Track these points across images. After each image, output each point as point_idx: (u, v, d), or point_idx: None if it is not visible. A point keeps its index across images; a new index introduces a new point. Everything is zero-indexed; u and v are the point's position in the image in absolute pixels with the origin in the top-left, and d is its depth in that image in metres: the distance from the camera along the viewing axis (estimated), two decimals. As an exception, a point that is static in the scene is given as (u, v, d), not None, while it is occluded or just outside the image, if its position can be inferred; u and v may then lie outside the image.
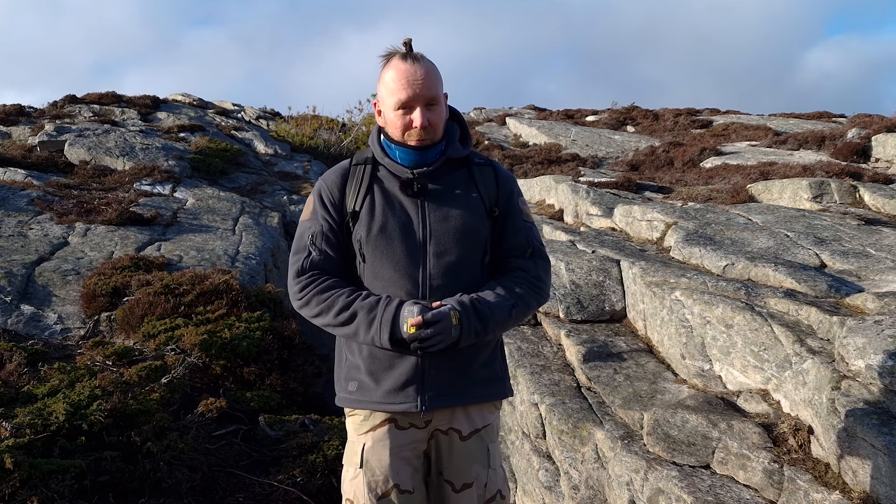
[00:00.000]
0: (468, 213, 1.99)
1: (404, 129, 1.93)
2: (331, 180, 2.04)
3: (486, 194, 2.03)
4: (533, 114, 19.31)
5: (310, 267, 1.97)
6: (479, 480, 2.02)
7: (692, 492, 2.66)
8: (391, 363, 1.95)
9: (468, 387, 1.99)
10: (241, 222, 8.69)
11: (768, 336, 3.16)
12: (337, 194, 2.01)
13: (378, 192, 1.99)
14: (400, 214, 1.96)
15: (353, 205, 1.98)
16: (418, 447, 2.01)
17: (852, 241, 4.63)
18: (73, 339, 5.40)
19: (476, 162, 2.07)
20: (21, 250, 6.77)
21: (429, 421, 1.99)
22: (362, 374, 1.98)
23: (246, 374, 4.87)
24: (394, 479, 1.96)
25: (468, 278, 1.98)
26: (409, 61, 1.90)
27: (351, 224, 1.98)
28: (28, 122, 13.17)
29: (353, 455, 2.02)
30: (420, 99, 1.89)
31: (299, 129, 15.61)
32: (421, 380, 1.94)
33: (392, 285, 1.94)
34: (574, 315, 4.25)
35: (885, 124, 9.85)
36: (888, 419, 2.44)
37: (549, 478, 3.39)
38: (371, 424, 1.99)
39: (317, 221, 2.00)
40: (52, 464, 3.15)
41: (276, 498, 3.56)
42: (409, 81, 1.88)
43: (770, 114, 16.68)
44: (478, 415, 2.04)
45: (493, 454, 2.08)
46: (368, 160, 2.04)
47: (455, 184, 2.02)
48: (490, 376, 2.05)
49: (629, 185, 7.72)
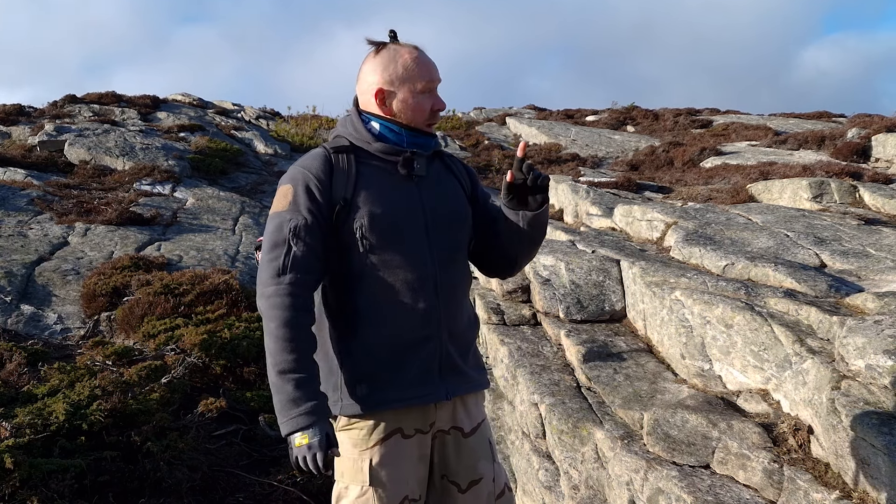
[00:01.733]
0: (456, 198, 2.00)
1: (430, 113, 1.91)
2: (315, 167, 1.86)
3: (464, 181, 2.05)
4: (533, 114, 19.32)
5: (291, 266, 1.78)
6: (487, 476, 1.99)
7: (692, 492, 2.66)
8: (410, 353, 1.86)
9: (470, 373, 1.99)
10: (241, 222, 8.70)
11: (768, 336, 3.16)
12: (325, 180, 1.85)
13: (371, 178, 1.88)
14: (399, 198, 1.89)
15: (345, 192, 1.85)
16: (424, 453, 1.94)
17: (852, 240, 4.63)
18: (73, 338, 5.41)
19: (445, 153, 2.08)
20: (21, 250, 6.77)
21: (432, 423, 1.94)
22: (375, 371, 1.86)
23: (246, 374, 4.87)
24: (405, 492, 1.88)
25: (463, 261, 2.01)
26: (416, 50, 1.89)
27: (343, 213, 1.84)
28: (28, 121, 13.17)
29: (356, 472, 1.87)
30: (437, 82, 1.92)
31: (299, 129, 15.62)
32: (439, 368, 1.90)
33: (402, 269, 1.85)
34: (574, 315, 4.25)
35: (885, 124, 9.86)
36: (888, 419, 2.44)
37: (548, 478, 3.40)
38: (377, 438, 1.86)
39: (299, 213, 1.81)
40: (52, 464, 3.16)
41: (276, 498, 3.56)
42: (428, 67, 1.88)
43: (770, 114, 16.69)
44: (475, 408, 2.03)
45: (494, 448, 2.07)
46: (347, 148, 1.91)
47: (438, 171, 2.01)
48: (480, 364, 2.07)
49: (629, 185, 7.73)
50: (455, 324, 1.94)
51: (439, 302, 1.89)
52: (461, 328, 1.97)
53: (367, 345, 1.87)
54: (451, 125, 18.08)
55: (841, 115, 15.60)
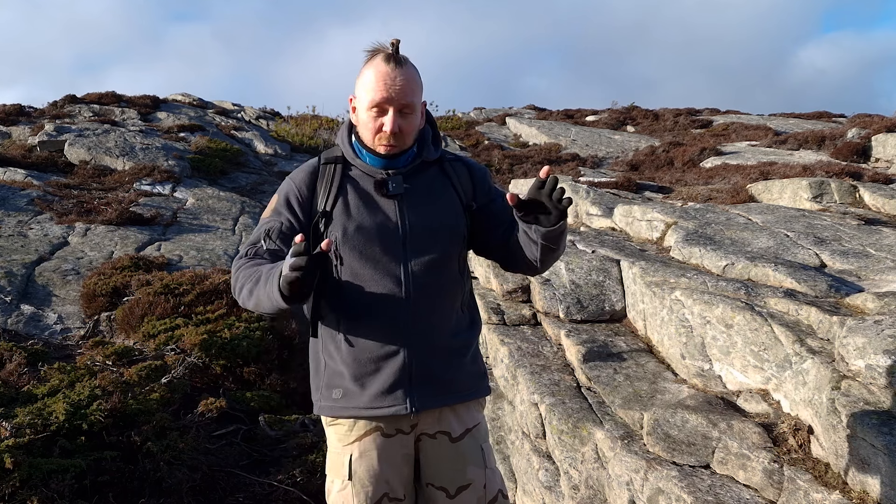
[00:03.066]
0: (445, 211, 1.95)
1: (375, 132, 1.86)
2: (299, 179, 1.94)
3: (463, 190, 2.00)
4: (533, 114, 19.33)
5: (253, 255, 1.85)
6: (477, 482, 1.98)
7: (692, 492, 2.66)
8: (377, 366, 1.89)
9: (456, 384, 1.96)
10: (241, 222, 8.70)
11: (768, 336, 3.16)
12: (306, 193, 1.92)
13: (352, 192, 1.91)
14: (376, 214, 1.89)
15: (325, 204, 1.89)
16: (408, 453, 1.96)
17: (852, 240, 4.63)
18: (73, 338, 5.41)
19: (447, 158, 2.03)
20: (21, 250, 6.77)
21: (415, 425, 1.94)
22: (346, 381, 1.91)
23: (246, 374, 4.87)
24: (384, 489, 1.91)
25: (448, 274, 1.96)
26: (391, 63, 1.83)
27: (322, 225, 1.89)
28: (28, 121, 13.18)
29: (339, 466, 1.95)
30: (394, 103, 1.82)
31: (299, 129, 15.62)
32: (409, 380, 1.89)
33: (373, 284, 1.87)
34: (574, 315, 4.25)
35: (885, 124, 9.86)
36: (888, 419, 2.44)
37: (549, 478, 3.40)
38: (357, 434, 1.92)
39: (277, 219, 1.89)
40: (52, 464, 3.16)
41: (276, 498, 3.56)
42: (386, 84, 1.81)
43: (770, 114, 16.71)
44: (466, 414, 2.01)
45: (488, 453, 2.04)
46: (339, 159, 1.95)
47: (430, 182, 1.97)
48: (475, 372, 2.03)
49: (629, 185, 7.73)
50: (434, 336, 1.93)
51: (411, 316, 1.89)
52: (443, 340, 1.95)
53: (340, 353, 1.93)
54: (452, 125, 18.10)
55: (841, 115, 15.61)
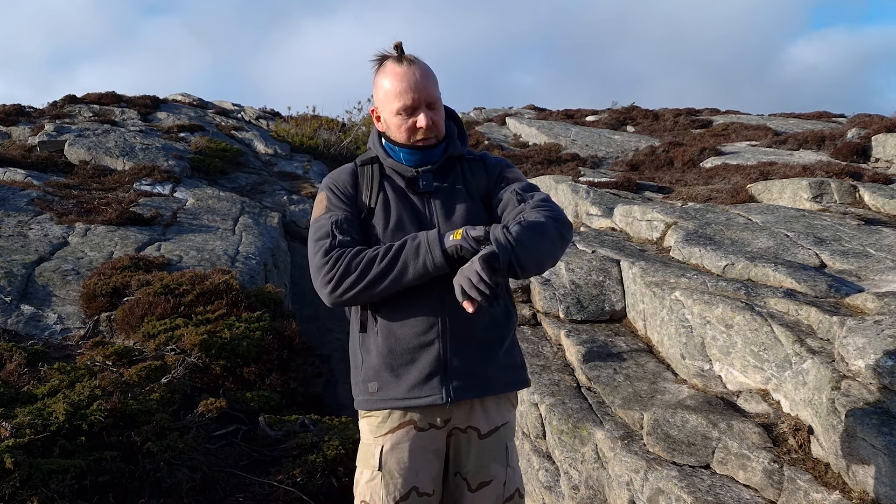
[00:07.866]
0: (470, 207, 2.01)
1: (410, 132, 1.95)
2: (342, 178, 2.04)
3: (478, 187, 2.06)
4: (532, 114, 19.32)
5: (338, 245, 1.89)
6: (498, 479, 2.02)
7: (692, 492, 2.66)
8: (412, 356, 1.92)
9: (492, 376, 1.98)
10: (241, 222, 8.69)
11: (768, 336, 3.16)
12: (351, 191, 2.01)
13: (389, 190, 2.01)
14: (411, 209, 1.99)
15: (369, 201, 1.99)
16: (439, 448, 1.99)
17: (852, 241, 4.63)
18: (73, 339, 5.40)
19: (468, 158, 2.11)
20: (21, 250, 6.77)
21: (448, 420, 1.98)
22: (382, 372, 1.95)
23: (246, 374, 4.87)
24: (413, 482, 1.94)
25: None
26: (404, 64, 1.91)
27: (368, 219, 1.98)
28: (28, 121, 13.17)
29: (369, 457, 1.99)
30: (422, 102, 1.91)
31: (299, 129, 15.60)
32: (444, 371, 1.92)
33: None
34: (574, 315, 4.25)
35: (885, 124, 9.86)
36: (888, 419, 2.44)
37: (549, 478, 3.40)
38: (390, 426, 1.96)
39: (335, 212, 1.97)
40: (52, 464, 3.15)
41: (276, 498, 3.55)
42: (409, 85, 1.89)
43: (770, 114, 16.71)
44: (496, 412, 2.04)
45: (511, 452, 2.08)
46: (374, 160, 2.06)
47: (455, 179, 2.05)
48: (512, 364, 2.05)
49: (629, 185, 7.72)
50: (469, 328, 1.95)
51: (444, 309, 1.92)
52: (478, 332, 1.97)
53: (377, 346, 1.96)
54: (451, 125, 18.01)
55: (841, 115, 15.62)
